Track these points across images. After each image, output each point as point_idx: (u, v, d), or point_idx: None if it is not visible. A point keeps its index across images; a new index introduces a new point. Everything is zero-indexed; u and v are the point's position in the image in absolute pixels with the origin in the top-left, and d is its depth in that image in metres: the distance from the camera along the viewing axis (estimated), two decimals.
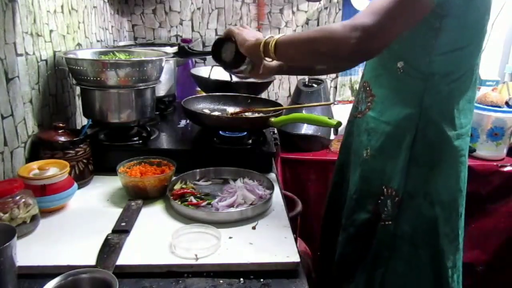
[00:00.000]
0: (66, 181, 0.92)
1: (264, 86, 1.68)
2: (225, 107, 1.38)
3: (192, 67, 1.82)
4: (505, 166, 1.84)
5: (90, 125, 1.09)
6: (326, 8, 2.18)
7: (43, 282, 0.60)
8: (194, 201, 0.94)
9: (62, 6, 1.24)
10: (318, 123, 1.10)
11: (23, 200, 0.80)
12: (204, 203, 0.94)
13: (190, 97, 1.34)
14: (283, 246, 0.79)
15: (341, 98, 2.32)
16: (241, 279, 0.71)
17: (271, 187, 0.99)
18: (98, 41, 1.62)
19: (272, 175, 1.10)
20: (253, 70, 1.08)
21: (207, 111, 1.33)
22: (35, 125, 1.07)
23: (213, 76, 1.57)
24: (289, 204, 1.38)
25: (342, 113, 1.94)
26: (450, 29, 0.87)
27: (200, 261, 0.73)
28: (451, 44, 0.89)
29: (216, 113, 1.33)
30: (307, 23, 2.19)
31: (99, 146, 1.11)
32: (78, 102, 1.36)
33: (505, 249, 1.89)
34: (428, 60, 0.90)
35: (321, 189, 1.81)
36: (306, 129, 1.89)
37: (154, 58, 1.15)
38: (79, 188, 0.98)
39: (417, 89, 0.93)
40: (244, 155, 1.15)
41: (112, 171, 0.99)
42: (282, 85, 2.29)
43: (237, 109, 1.34)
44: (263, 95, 1.77)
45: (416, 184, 0.97)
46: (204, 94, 1.52)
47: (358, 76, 2.28)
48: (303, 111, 1.63)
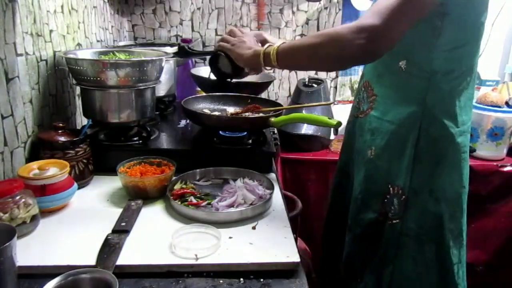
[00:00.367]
0: (66, 181, 0.92)
1: (264, 86, 1.68)
2: (225, 107, 1.38)
3: (192, 67, 1.82)
4: (505, 166, 1.84)
5: (90, 125, 1.08)
6: (326, 8, 2.18)
7: (43, 282, 0.60)
8: (194, 201, 0.94)
9: (62, 6, 1.24)
10: (318, 123, 1.09)
11: (23, 200, 0.80)
12: (204, 203, 0.94)
13: (190, 97, 1.34)
14: (283, 246, 0.79)
15: (341, 98, 2.32)
16: (241, 279, 0.71)
17: (271, 187, 0.99)
18: (98, 41, 1.62)
19: (272, 175, 1.10)
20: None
21: (207, 111, 1.33)
22: (35, 125, 1.07)
23: (213, 76, 1.57)
24: (289, 204, 1.38)
25: (342, 113, 1.94)
26: (451, 27, 0.87)
27: (200, 261, 0.73)
28: (452, 42, 0.89)
29: (216, 113, 1.33)
30: (307, 23, 2.19)
31: (99, 146, 1.11)
32: (78, 102, 1.36)
33: (505, 249, 1.89)
34: (430, 58, 0.91)
35: (321, 189, 1.82)
36: (306, 129, 1.89)
37: (154, 58, 1.15)
38: (79, 188, 0.98)
39: (420, 88, 0.94)
40: (244, 155, 1.15)
41: (112, 171, 0.99)
42: (282, 85, 2.29)
43: (237, 109, 1.34)
44: (263, 95, 1.77)
45: (421, 181, 0.97)
46: (204, 94, 1.52)
47: (358, 76, 2.28)
48: (303, 111, 1.63)
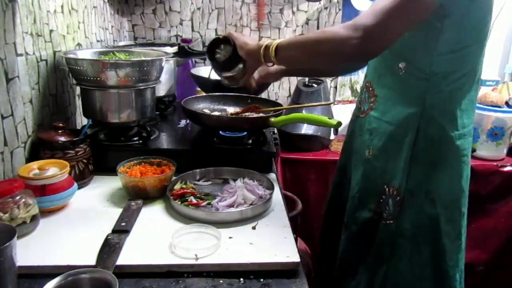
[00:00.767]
0: (66, 181, 0.92)
1: (264, 86, 1.68)
2: (225, 107, 1.38)
3: (192, 67, 1.82)
4: (505, 166, 1.84)
5: (90, 125, 1.09)
6: (326, 8, 2.18)
7: (43, 282, 0.60)
8: (194, 201, 0.94)
9: (62, 6, 1.24)
10: (318, 123, 1.10)
11: (23, 200, 0.80)
12: (204, 203, 0.94)
13: (190, 97, 1.34)
14: (283, 246, 0.79)
15: (341, 98, 2.32)
16: (241, 279, 0.71)
17: (271, 187, 0.99)
18: (98, 41, 1.62)
19: (272, 175, 1.10)
20: (245, 77, 1.07)
21: (207, 111, 1.33)
22: (35, 125, 1.07)
23: (213, 76, 1.57)
24: (289, 204, 1.38)
25: (342, 113, 1.95)
26: (452, 29, 0.87)
27: (200, 261, 0.73)
28: (453, 44, 0.89)
29: (216, 113, 1.33)
30: (307, 23, 2.19)
31: (99, 146, 1.11)
32: (78, 102, 1.36)
33: (505, 249, 1.89)
34: (430, 60, 0.90)
35: (321, 189, 1.82)
36: (306, 129, 1.89)
37: (154, 58, 1.15)
38: (79, 188, 0.98)
39: (419, 89, 0.93)
40: (244, 155, 1.15)
41: (112, 171, 0.99)
42: (282, 85, 2.29)
43: (237, 109, 1.34)
44: (263, 95, 1.77)
45: (417, 183, 0.97)
46: (204, 94, 1.52)
47: (358, 76, 2.28)
48: (303, 111, 1.63)
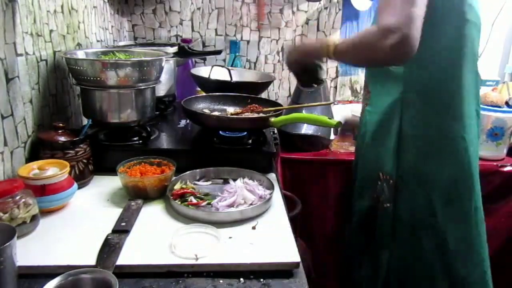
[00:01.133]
0: (66, 181, 0.92)
1: (264, 86, 1.68)
2: (225, 107, 1.38)
3: (192, 67, 1.82)
4: (505, 166, 1.83)
5: (90, 125, 1.09)
6: (326, 8, 2.18)
7: (43, 282, 0.60)
8: (194, 201, 0.94)
9: (62, 6, 1.24)
10: (318, 123, 1.10)
11: (23, 200, 0.80)
12: (204, 203, 0.94)
13: (190, 97, 1.34)
14: (283, 246, 0.79)
15: (341, 98, 2.32)
16: (241, 279, 0.71)
17: (271, 187, 0.99)
18: (98, 41, 1.62)
19: (272, 175, 1.10)
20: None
21: (207, 111, 1.33)
22: (35, 125, 1.07)
23: (213, 76, 1.57)
24: (289, 204, 1.38)
25: (342, 113, 1.94)
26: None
27: (200, 261, 0.73)
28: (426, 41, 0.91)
29: (216, 113, 1.33)
30: (307, 23, 2.19)
31: (99, 146, 1.11)
32: (78, 102, 1.36)
33: (505, 249, 1.89)
34: None
35: (321, 189, 1.81)
36: (306, 129, 1.88)
37: (154, 58, 1.15)
38: (79, 188, 0.98)
39: (398, 77, 1.00)
40: (244, 155, 1.15)
41: (112, 171, 0.99)
42: (282, 85, 2.29)
43: (237, 109, 1.34)
44: (263, 95, 1.77)
45: (408, 168, 1.04)
46: (204, 94, 1.52)
47: (358, 76, 2.28)
48: (303, 111, 1.62)
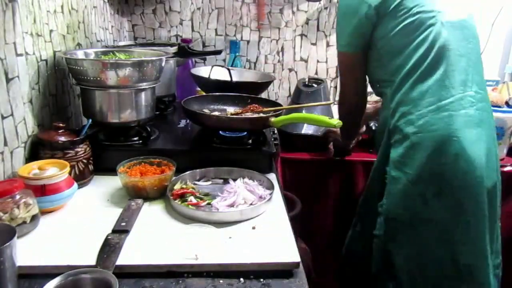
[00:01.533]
0: (66, 181, 0.92)
1: (264, 86, 1.68)
2: (225, 107, 1.38)
3: (192, 67, 1.82)
4: (505, 166, 1.83)
5: (90, 125, 1.09)
6: (326, 8, 2.18)
7: (43, 282, 0.60)
8: (194, 201, 0.94)
9: (62, 6, 1.24)
10: (318, 123, 1.10)
11: (23, 200, 0.80)
12: (204, 203, 0.94)
13: (190, 97, 1.34)
14: (283, 246, 0.79)
15: None
16: (241, 279, 0.71)
17: (271, 187, 0.99)
18: (98, 41, 1.62)
19: (272, 175, 1.10)
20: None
21: (207, 111, 1.33)
22: (35, 125, 1.07)
23: (213, 76, 1.57)
24: (289, 204, 1.38)
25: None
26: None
27: (200, 261, 0.73)
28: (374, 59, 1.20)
29: (216, 113, 1.33)
30: (307, 23, 2.19)
31: (99, 146, 1.11)
32: (78, 102, 1.36)
33: (505, 249, 1.89)
34: (370, 72, 1.25)
35: (321, 189, 1.81)
36: (306, 129, 1.88)
37: (154, 58, 1.15)
38: (79, 188, 0.98)
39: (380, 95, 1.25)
40: (244, 155, 1.15)
41: (112, 171, 0.99)
42: (282, 85, 2.29)
43: (237, 109, 1.34)
44: (263, 95, 1.77)
45: (397, 165, 1.10)
46: (204, 94, 1.52)
47: None
48: (303, 111, 1.62)
